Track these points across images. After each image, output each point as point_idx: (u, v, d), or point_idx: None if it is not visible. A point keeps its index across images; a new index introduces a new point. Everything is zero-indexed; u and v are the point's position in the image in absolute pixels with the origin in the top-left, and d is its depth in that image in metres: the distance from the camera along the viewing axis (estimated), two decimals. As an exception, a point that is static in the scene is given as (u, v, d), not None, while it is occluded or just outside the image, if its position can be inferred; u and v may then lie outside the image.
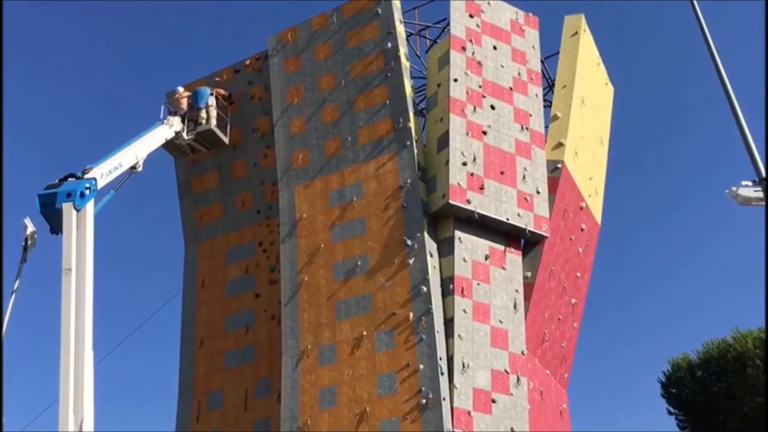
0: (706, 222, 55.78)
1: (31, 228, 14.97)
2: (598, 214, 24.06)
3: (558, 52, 23.84)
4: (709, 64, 12.93)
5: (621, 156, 52.76)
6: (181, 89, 22.68)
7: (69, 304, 13.94)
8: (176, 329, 22.43)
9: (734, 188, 11.60)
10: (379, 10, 21.05)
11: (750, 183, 11.48)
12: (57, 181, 15.45)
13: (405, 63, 20.69)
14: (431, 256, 18.64)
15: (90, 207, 15.15)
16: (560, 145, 21.69)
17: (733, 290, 53.67)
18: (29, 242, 14.93)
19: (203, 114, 21.80)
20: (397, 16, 21.18)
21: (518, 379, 18.44)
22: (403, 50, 20.72)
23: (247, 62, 23.36)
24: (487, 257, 19.26)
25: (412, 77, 21.48)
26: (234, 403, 20.45)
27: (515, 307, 19.17)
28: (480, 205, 19.14)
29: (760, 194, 11.24)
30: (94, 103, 57.55)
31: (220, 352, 21.29)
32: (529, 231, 19.84)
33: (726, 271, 54.67)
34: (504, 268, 19.44)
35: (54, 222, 14.96)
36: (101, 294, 15.08)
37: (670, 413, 28.73)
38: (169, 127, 20.73)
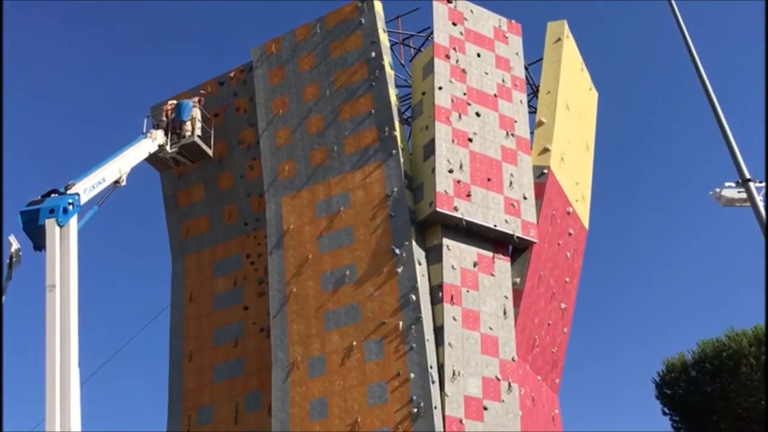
0: (696, 222, 56.06)
1: (15, 245, 14.81)
2: (585, 219, 24.10)
3: (541, 59, 23.92)
4: (692, 68, 13.00)
5: (607, 160, 53.03)
6: (169, 102, 22.56)
7: (54, 321, 13.78)
8: (165, 344, 22.31)
9: (717, 189, 11.63)
10: (362, 20, 21.07)
11: (733, 184, 11.50)
12: (39, 197, 15.31)
13: (389, 72, 20.71)
14: (419, 264, 18.60)
15: (73, 223, 15.03)
16: (546, 150, 21.73)
17: (728, 289, 53.88)
18: (14, 259, 14.75)
19: (187, 126, 21.70)
20: (381, 25, 21.20)
21: (509, 385, 18.39)
22: (387, 59, 20.74)
23: (232, 74, 23.34)
24: (475, 264, 19.23)
25: (397, 86, 21.52)
26: (224, 418, 20.31)
27: (505, 313, 19.13)
28: (467, 212, 19.13)
29: (744, 195, 11.27)
30: (77, 116, 57.34)
31: (210, 366, 21.16)
32: (517, 237, 19.84)
33: (719, 271, 54.89)
34: (493, 275, 19.42)
35: (37, 238, 14.80)
36: (87, 310, 14.93)
37: (664, 414, 28.72)
38: (152, 141, 20.63)
